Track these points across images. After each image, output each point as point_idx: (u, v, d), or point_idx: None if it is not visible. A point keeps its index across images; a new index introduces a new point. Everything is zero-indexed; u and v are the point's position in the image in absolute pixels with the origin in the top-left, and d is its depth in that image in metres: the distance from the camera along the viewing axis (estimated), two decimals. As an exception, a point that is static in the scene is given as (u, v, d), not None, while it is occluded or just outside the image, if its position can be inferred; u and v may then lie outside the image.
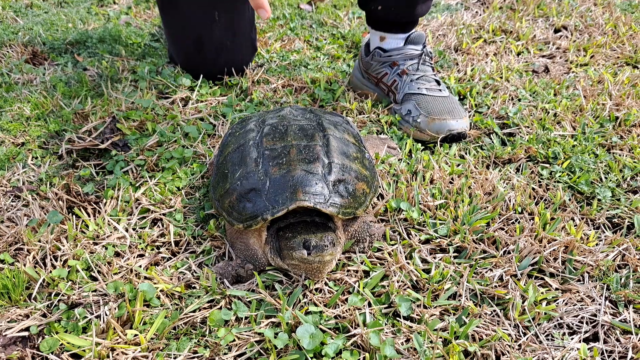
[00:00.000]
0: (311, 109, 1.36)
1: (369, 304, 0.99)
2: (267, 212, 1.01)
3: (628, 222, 1.20)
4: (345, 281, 1.04)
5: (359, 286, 1.02)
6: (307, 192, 1.02)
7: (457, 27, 2.30)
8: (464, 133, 1.48)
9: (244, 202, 1.06)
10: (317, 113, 1.31)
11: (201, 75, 1.76)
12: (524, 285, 1.03)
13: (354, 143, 1.22)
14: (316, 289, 1.03)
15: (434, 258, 1.10)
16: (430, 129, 1.48)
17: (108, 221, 1.19)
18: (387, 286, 1.02)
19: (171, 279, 1.05)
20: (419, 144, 1.48)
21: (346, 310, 0.98)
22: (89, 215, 1.22)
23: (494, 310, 0.99)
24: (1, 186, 1.30)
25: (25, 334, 0.95)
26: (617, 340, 0.94)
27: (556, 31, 2.31)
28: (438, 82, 1.61)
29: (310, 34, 2.26)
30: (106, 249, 1.12)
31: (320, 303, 0.99)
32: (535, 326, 0.96)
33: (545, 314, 0.97)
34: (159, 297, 1.00)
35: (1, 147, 1.44)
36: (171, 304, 1.00)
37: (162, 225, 1.20)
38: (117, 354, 0.89)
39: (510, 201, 1.25)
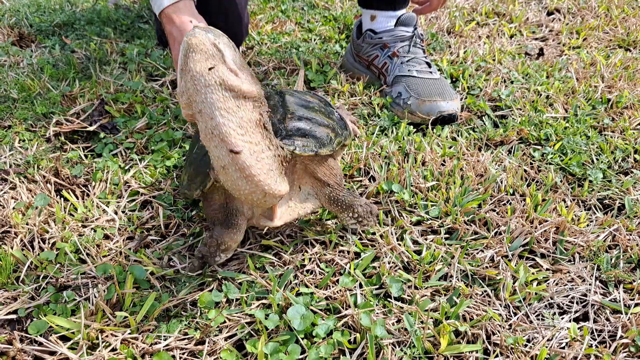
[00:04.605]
0: (286, 90, 1.23)
1: (360, 285, 0.99)
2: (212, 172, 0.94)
3: (619, 203, 1.21)
4: (336, 262, 1.04)
5: (350, 267, 1.01)
6: None
7: (450, 9, 2.28)
8: (455, 115, 1.48)
9: (199, 169, 1.01)
10: (291, 91, 1.20)
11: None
12: (515, 265, 1.03)
13: (318, 102, 1.14)
14: (307, 271, 1.03)
15: (425, 239, 1.10)
16: (420, 110, 1.47)
17: (97, 204, 1.18)
18: (378, 267, 1.02)
19: (160, 260, 1.04)
20: (411, 126, 1.47)
21: (337, 292, 0.97)
22: (77, 198, 1.21)
23: (485, 291, 0.99)
24: (-12, 169, 1.28)
25: (14, 316, 0.94)
26: (607, 319, 0.94)
27: (549, 14, 2.30)
28: (429, 65, 1.59)
29: (302, 16, 2.24)
30: (95, 231, 1.10)
31: (312, 284, 0.99)
32: (526, 306, 0.96)
33: (535, 294, 0.97)
34: (148, 280, 1.00)
35: (-13, 129, 1.42)
36: (161, 286, 0.99)
37: (152, 208, 1.18)
38: (107, 336, 0.89)
39: (501, 183, 1.24)
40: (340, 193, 1.05)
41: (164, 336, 0.90)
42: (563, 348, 0.89)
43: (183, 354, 0.88)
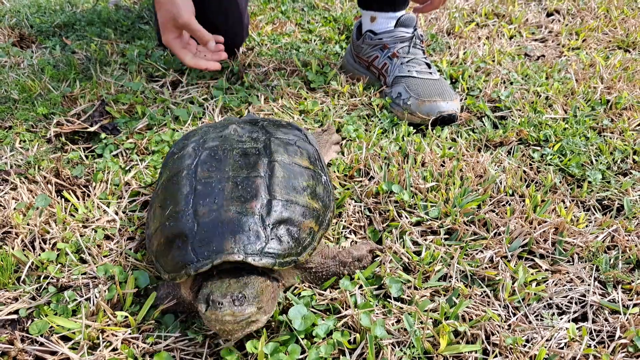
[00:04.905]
0: (262, 123, 1.18)
1: (360, 286, 0.99)
2: (190, 267, 0.87)
3: (618, 204, 1.21)
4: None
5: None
6: (238, 241, 0.88)
7: (450, 10, 2.29)
8: (454, 115, 1.48)
9: (171, 248, 0.92)
10: (269, 129, 1.14)
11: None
12: (514, 266, 1.03)
13: (307, 167, 1.06)
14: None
15: (425, 240, 1.10)
16: (420, 111, 1.47)
17: (98, 204, 1.18)
18: (378, 268, 1.02)
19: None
20: (411, 127, 1.47)
21: (337, 288, 0.98)
22: (78, 199, 1.21)
23: (484, 291, 0.99)
24: (-11, 170, 1.29)
25: (14, 317, 0.94)
26: (606, 319, 0.95)
27: (548, 15, 2.31)
28: (429, 65, 1.60)
29: (302, 17, 2.24)
30: (96, 232, 1.11)
31: (313, 286, 0.99)
32: (525, 306, 0.96)
33: (535, 294, 0.98)
34: (149, 278, 1.00)
35: (-12, 130, 1.42)
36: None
37: (152, 209, 1.19)
38: (107, 336, 0.89)
39: (501, 184, 1.25)
40: (331, 269, 1.00)
41: (165, 336, 0.90)
42: (562, 348, 0.89)
43: (183, 354, 0.88)
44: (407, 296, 0.97)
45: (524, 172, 1.30)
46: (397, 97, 1.54)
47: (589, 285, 1.01)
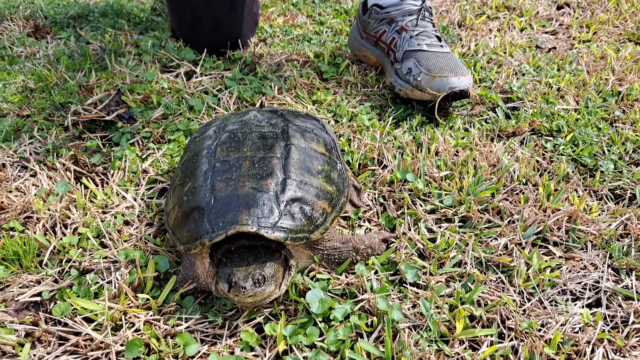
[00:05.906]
0: (282, 112, 1.22)
1: (376, 272, 1.01)
2: (205, 236, 0.90)
3: (630, 193, 1.22)
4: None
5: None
6: (252, 214, 0.90)
7: (460, 3, 2.29)
8: (466, 91, 1.43)
9: (187, 221, 0.95)
10: (287, 117, 1.18)
11: (205, 50, 1.76)
12: (529, 253, 1.04)
13: (322, 153, 1.09)
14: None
15: (440, 227, 1.11)
16: (431, 87, 1.44)
17: (116, 191, 1.20)
18: (394, 254, 1.03)
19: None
20: (424, 118, 1.48)
21: (352, 273, 0.99)
22: (97, 186, 1.23)
23: (499, 277, 1.00)
24: (8, 157, 1.30)
25: (38, 299, 0.96)
26: (619, 305, 0.96)
27: (559, 8, 2.31)
28: (439, 38, 1.57)
29: (313, 9, 2.25)
30: (115, 217, 1.13)
31: (329, 271, 1.01)
32: (540, 292, 0.97)
33: (549, 280, 0.99)
34: (169, 263, 1.02)
35: (6, 118, 1.44)
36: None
37: (170, 196, 1.20)
38: (130, 317, 0.91)
39: (514, 173, 1.26)
40: (343, 254, 1.02)
41: (186, 318, 0.92)
42: (576, 333, 0.90)
43: (203, 335, 0.90)
44: (423, 282, 0.99)
45: (537, 161, 1.31)
46: (407, 73, 1.50)
47: (602, 272, 1.02)
